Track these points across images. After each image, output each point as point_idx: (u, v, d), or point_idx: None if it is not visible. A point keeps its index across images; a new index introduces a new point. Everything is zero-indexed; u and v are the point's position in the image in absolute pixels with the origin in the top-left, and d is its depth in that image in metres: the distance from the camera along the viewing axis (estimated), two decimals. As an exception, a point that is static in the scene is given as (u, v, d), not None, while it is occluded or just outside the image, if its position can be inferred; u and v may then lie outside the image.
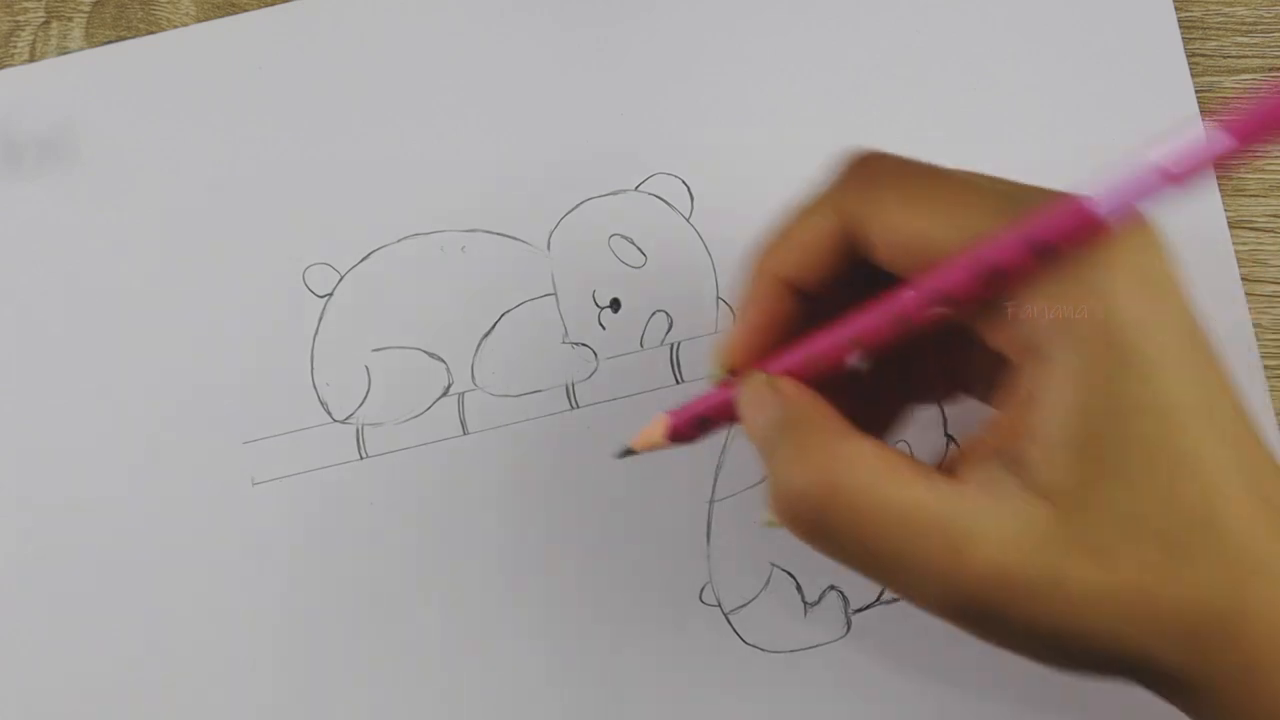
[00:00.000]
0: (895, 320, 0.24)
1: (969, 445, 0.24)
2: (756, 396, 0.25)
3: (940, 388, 0.29)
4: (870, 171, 0.25)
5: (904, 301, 0.23)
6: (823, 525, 0.23)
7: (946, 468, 0.24)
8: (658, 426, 0.27)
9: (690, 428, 0.26)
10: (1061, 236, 0.21)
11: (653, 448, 0.27)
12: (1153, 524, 0.22)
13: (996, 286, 0.22)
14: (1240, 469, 0.23)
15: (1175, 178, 0.20)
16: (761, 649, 0.33)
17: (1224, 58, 0.35)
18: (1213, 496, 0.22)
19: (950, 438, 0.34)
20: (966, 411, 0.34)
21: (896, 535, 0.23)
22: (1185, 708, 0.25)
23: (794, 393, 0.25)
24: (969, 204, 0.23)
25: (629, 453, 0.28)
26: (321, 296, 0.35)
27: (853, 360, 0.25)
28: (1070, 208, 0.21)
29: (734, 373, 0.26)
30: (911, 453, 0.33)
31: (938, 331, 0.24)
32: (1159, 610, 0.22)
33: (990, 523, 0.22)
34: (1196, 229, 0.34)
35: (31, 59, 0.37)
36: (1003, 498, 0.23)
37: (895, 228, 0.24)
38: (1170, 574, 0.22)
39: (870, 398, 0.28)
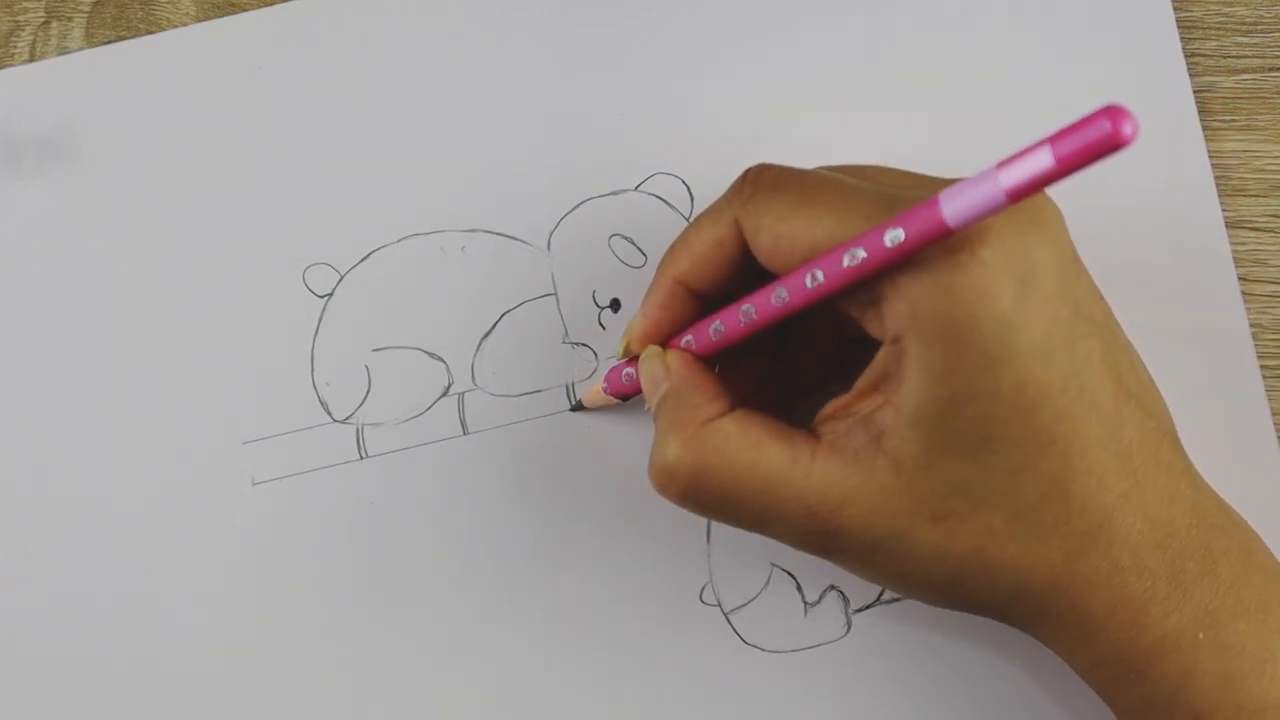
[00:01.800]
0: (760, 309, 0.27)
1: (838, 405, 0.27)
2: (649, 370, 0.29)
3: (816, 342, 0.32)
4: (755, 181, 0.28)
5: (759, 296, 0.27)
6: (689, 493, 0.27)
7: (818, 421, 0.27)
8: (597, 390, 0.32)
9: (618, 387, 0.32)
10: (913, 238, 0.23)
11: (601, 405, 0.33)
12: (998, 494, 0.25)
13: (856, 280, 0.25)
14: (1107, 440, 0.25)
15: (1013, 197, 0.21)
16: (761, 649, 0.33)
17: (1224, 58, 0.35)
18: (1065, 470, 0.25)
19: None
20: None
21: (758, 499, 0.26)
22: (1051, 648, 0.28)
23: (679, 368, 0.28)
24: (842, 209, 0.25)
25: (580, 407, 0.34)
26: (321, 296, 0.35)
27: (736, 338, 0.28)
28: (922, 217, 0.23)
29: (634, 357, 0.30)
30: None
31: (818, 312, 0.27)
32: (996, 573, 0.25)
33: (840, 483, 0.25)
34: (1195, 229, 0.34)
35: (31, 59, 0.37)
36: (854, 459, 0.25)
37: (772, 233, 0.26)
38: (1010, 539, 0.25)
39: (780, 376, 0.31)
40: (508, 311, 0.35)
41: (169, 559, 0.34)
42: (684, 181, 0.35)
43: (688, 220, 0.35)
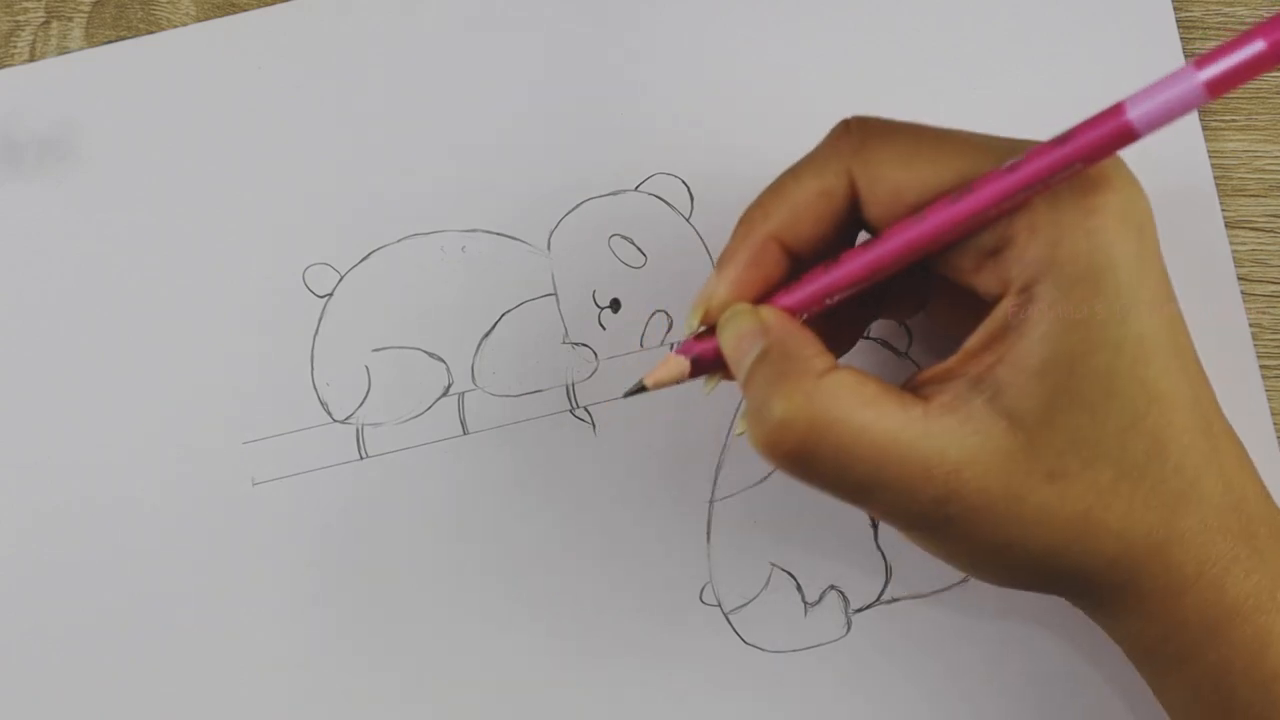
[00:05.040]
0: (884, 265, 0.25)
1: (939, 369, 0.25)
2: (739, 326, 0.26)
3: (905, 308, 0.31)
4: (863, 132, 0.26)
5: (896, 245, 0.25)
6: (803, 454, 0.25)
7: (917, 385, 0.25)
8: (673, 364, 0.27)
9: (707, 362, 0.27)
10: (1093, 152, 0.22)
11: (671, 382, 0.28)
12: (1109, 451, 0.24)
13: (1007, 205, 0.24)
14: (1194, 401, 0.25)
15: (1215, 90, 0.20)
16: (761, 649, 0.33)
17: (1224, 58, 0.35)
18: (1165, 428, 0.24)
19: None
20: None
21: (873, 461, 0.24)
22: (1106, 624, 0.27)
23: (777, 323, 0.26)
24: (968, 151, 0.24)
25: (640, 389, 0.28)
26: (321, 296, 0.35)
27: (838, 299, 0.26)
28: (1109, 117, 0.22)
29: (710, 329, 0.27)
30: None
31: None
32: (1101, 533, 0.25)
33: (958, 443, 0.24)
34: (1195, 229, 0.34)
35: (31, 59, 0.37)
36: (970, 419, 0.24)
37: (894, 179, 0.25)
38: (1116, 498, 0.24)
39: (838, 317, 0.29)
40: (508, 311, 0.35)
41: (169, 559, 0.34)
42: (684, 181, 0.35)
43: (687, 220, 0.35)
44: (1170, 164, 0.34)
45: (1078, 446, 0.24)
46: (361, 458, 0.35)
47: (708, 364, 0.27)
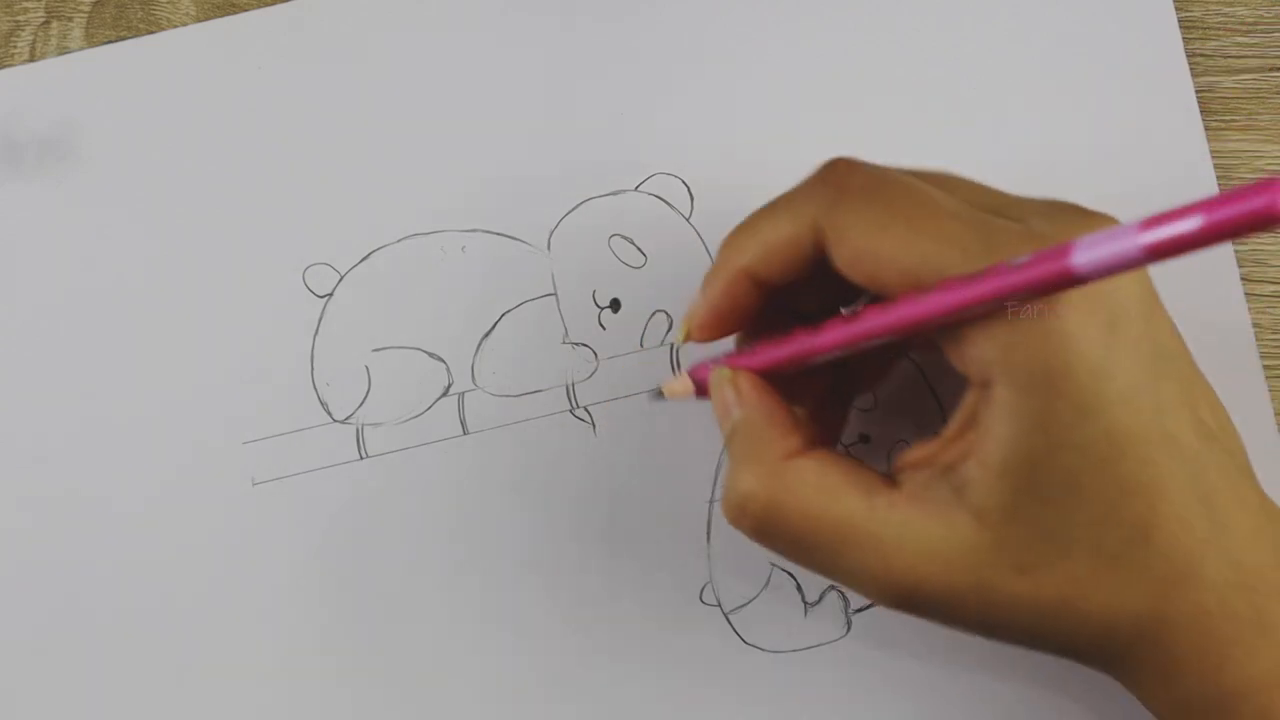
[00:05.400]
0: (849, 343, 0.25)
1: (918, 454, 0.26)
2: (719, 394, 0.28)
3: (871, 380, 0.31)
4: (842, 183, 0.26)
5: (862, 329, 0.25)
6: (762, 529, 0.26)
7: (896, 469, 0.26)
8: (686, 382, 0.30)
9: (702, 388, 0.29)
10: (1034, 291, 0.22)
11: (683, 397, 0.30)
12: (1083, 542, 0.24)
13: (958, 320, 0.23)
14: (1190, 484, 0.24)
15: (1155, 256, 0.20)
16: (761, 649, 0.33)
17: (1224, 58, 0.35)
18: (1149, 516, 0.24)
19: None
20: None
21: (830, 544, 0.25)
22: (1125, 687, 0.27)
23: (751, 395, 0.27)
24: (937, 234, 0.24)
25: (659, 395, 0.30)
26: (321, 296, 0.35)
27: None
28: (1049, 266, 0.21)
29: (692, 340, 0.29)
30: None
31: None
32: (1081, 618, 0.24)
33: (918, 536, 0.25)
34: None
35: (31, 59, 0.37)
36: (935, 512, 0.25)
37: (858, 246, 0.25)
38: (1096, 588, 0.24)
39: (826, 390, 0.30)
40: (508, 311, 0.35)
41: (169, 559, 0.34)
42: (684, 181, 0.35)
43: (687, 220, 0.35)
44: (1170, 164, 0.34)
45: (1047, 540, 0.24)
46: (361, 458, 0.35)
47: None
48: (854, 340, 0.25)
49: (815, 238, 0.26)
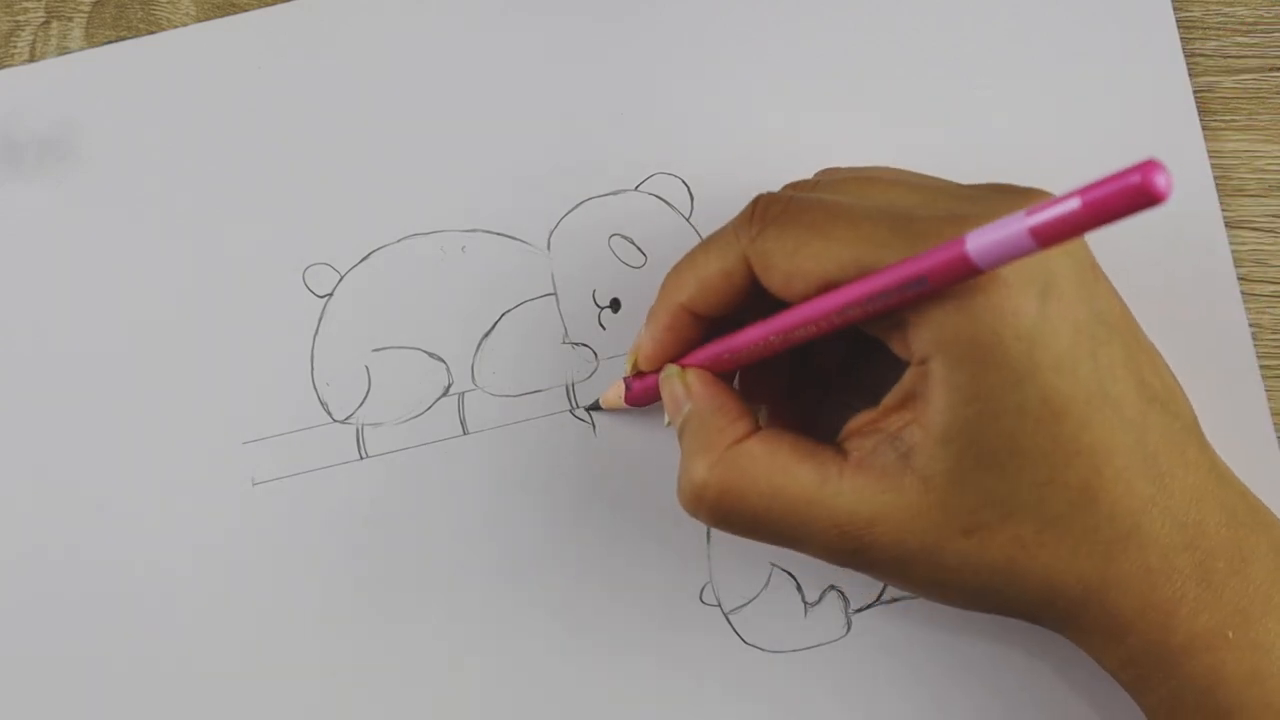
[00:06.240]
0: (776, 339, 0.27)
1: (865, 420, 0.27)
2: (668, 390, 0.29)
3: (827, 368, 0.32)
4: (763, 215, 0.27)
5: (777, 326, 0.27)
6: (719, 513, 0.27)
7: (842, 438, 0.27)
8: (619, 390, 0.32)
9: (637, 397, 0.32)
10: (936, 278, 0.23)
11: (617, 409, 0.33)
12: (1026, 505, 0.25)
13: (879, 315, 0.25)
14: (1134, 447, 0.25)
15: (1040, 240, 0.21)
16: (761, 649, 0.33)
17: (1224, 58, 0.35)
18: (1093, 478, 0.25)
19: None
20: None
21: (786, 521, 0.27)
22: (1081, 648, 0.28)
23: (699, 389, 0.29)
24: (853, 240, 0.25)
25: (595, 406, 0.34)
26: (321, 296, 0.35)
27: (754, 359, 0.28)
28: (945, 255, 0.23)
29: (640, 372, 0.31)
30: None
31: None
32: (1028, 580, 0.26)
33: (870, 500, 0.26)
34: (1196, 229, 0.34)
35: (31, 59, 0.37)
36: (883, 477, 0.26)
37: (784, 269, 0.26)
38: (1040, 550, 0.25)
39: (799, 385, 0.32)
40: (508, 311, 0.35)
41: (169, 559, 0.34)
42: (684, 181, 0.35)
43: (687, 220, 0.35)
44: (1170, 164, 0.34)
45: (992, 504, 0.25)
46: (361, 458, 0.35)
47: (648, 397, 0.31)
48: (768, 336, 0.27)
49: (745, 269, 0.27)
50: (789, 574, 0.34)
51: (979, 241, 0.22)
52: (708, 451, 0.27)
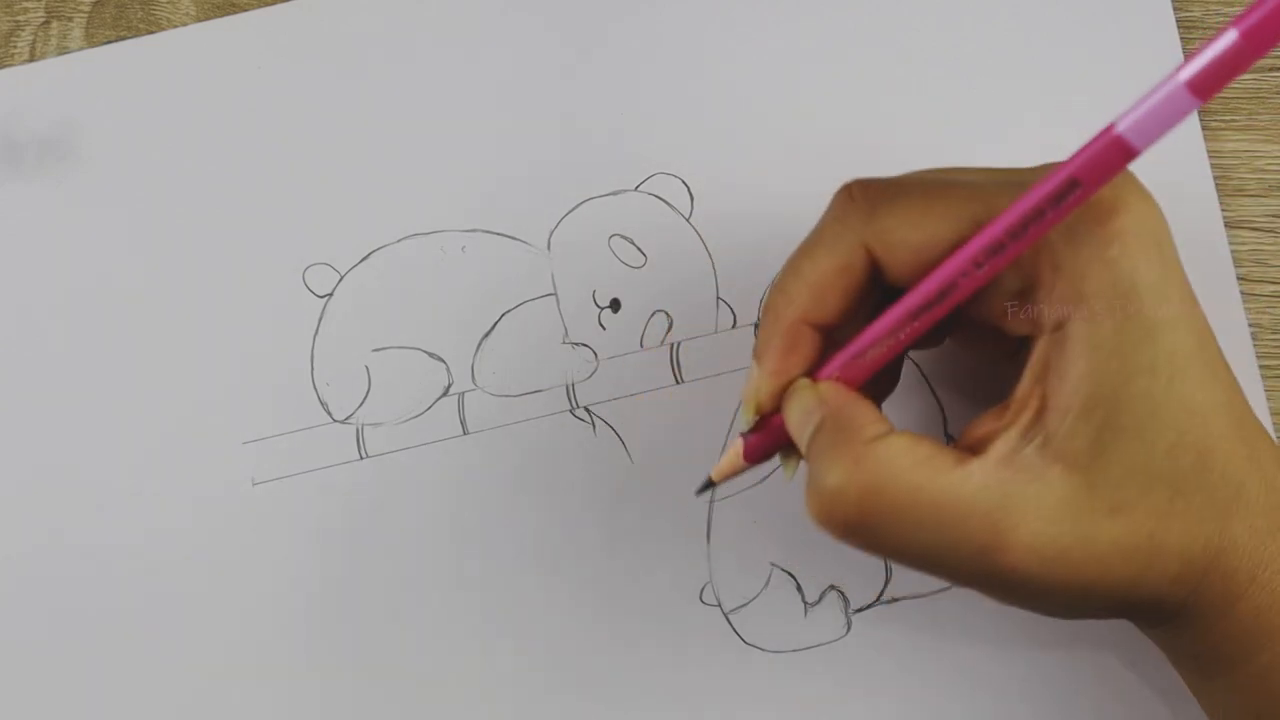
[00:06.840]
0: (914, 318, 0.25)
1: (988, 425, 0.25)
2: (800, 404, 0.26)
3: (928, 342, 0.30)
4: (868, 199, 0.26)
5: (914, 301, 0.25)
6: (859, 522, 0.24)
7: (969, 440, 0.25)
8: (736, 454, 0.28)
9: (760, 452, 0.28)
10: (1090, 171, 0.22)
11: (733, 474, 0.28)
12: (1162, 472, 0.24)
13: (1023, 247, 0.23)
14: (1228, 407, 0.25)
15: (1198, 91, 0.20)
16: (761, 649, 0.33)
17: (1224, 58, 0.35)
18: (1206, 438, 0.24)
19: (950, 437, 0.34)
20: (968, 408, 0.34)
21: (934, 523, 0.24)
22: (1161, 637, 0.27)
23: (833, 396, 0.26)
24: (974, 198, 0.24)
25: (710, 485, 0.29)
26: (321, 296, 0.35)
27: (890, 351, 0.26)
28: (1095, 145, 0.22)
29: (762, 417, 0.27)
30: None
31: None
32: (1166, 555, 0.24)
33: (1018, 494, 0.24)
34: (1196, 229, 0.34)
35: (31, 59, 0.37)
36: (1026, 469, 0.24)
37: (910, 242, 0.25)
38: (1173, 518, 0.24)
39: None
40: (508, 311, 0.35)
41: (169, 559, 0.34)
42: (684, 181, 0.35)
43: (687, 220, 0.35)
44: (1170, 164, 0.34)
45: (1133, 475, 0.24)
46: (361, 458, 0.35)
47: (768, 449, 0.28)
48: (905, 317, 0.25)
49: (863, 258, 0.26)
50: (789, 574, 0.34)
51: (1131, 120, 0.21)
52: (846, 449, 0.24)
